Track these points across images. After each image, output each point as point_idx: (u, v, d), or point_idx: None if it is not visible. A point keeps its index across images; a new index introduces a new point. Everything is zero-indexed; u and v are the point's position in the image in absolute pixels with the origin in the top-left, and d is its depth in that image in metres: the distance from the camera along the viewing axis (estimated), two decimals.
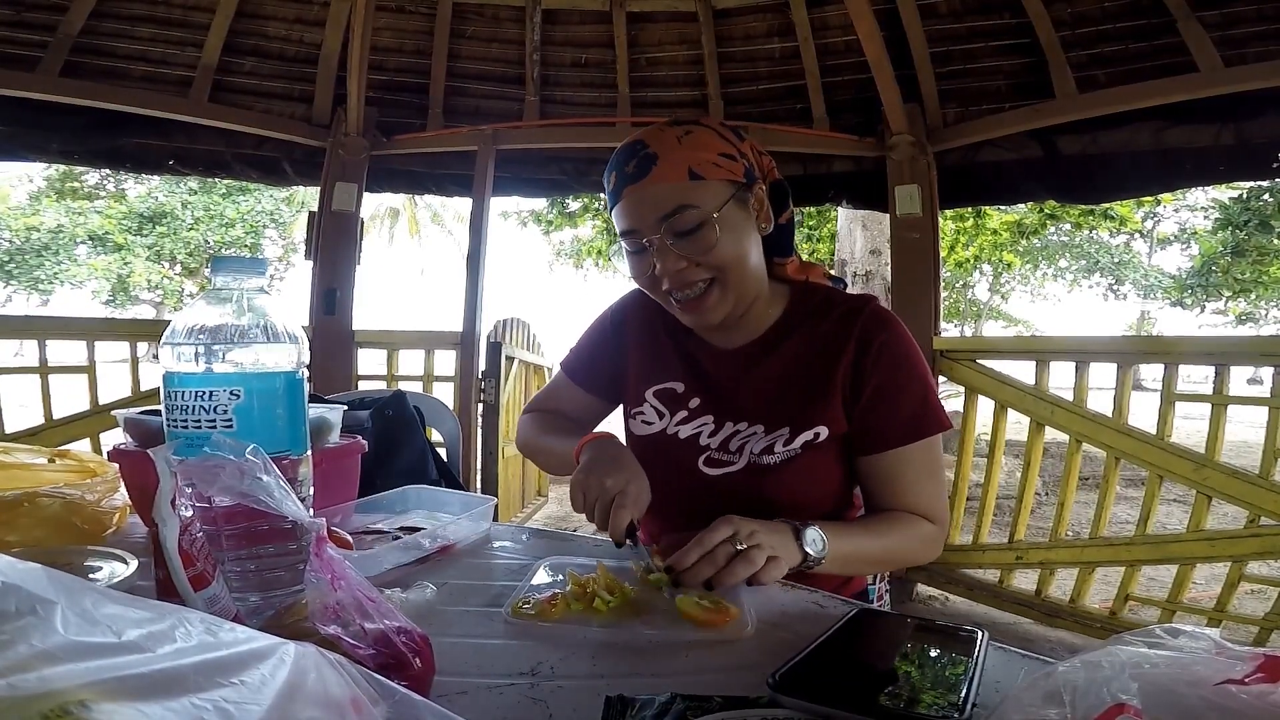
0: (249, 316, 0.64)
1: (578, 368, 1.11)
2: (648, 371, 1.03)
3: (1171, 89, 2.40)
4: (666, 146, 0.86)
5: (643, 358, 1.04)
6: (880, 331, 0.91)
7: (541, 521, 4.42)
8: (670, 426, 0.98)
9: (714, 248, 0.85)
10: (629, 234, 0.89)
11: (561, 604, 0.65)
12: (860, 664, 0.55)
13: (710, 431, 0.96)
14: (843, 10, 2.67)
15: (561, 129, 3.20)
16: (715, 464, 0.94)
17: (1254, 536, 2.15)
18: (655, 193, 0.85)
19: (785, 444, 0.91)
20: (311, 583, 0.47)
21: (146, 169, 3.27)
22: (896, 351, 0.91)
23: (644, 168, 0.86)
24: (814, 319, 0.96)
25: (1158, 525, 2.45)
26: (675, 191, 0.85)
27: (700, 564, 0.70)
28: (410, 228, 22.18)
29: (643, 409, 1.01)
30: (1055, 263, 16.31)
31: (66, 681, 0.25)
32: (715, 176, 0.86)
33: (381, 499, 0.98)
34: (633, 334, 1.06)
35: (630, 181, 0.87)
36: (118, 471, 0.87)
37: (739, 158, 0.89)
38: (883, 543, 0.89)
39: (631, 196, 0.87)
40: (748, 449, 0.92)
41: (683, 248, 0.86)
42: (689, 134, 0.87)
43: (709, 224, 0.85)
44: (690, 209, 0.84)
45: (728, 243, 0.86)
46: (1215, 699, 0.37)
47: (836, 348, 0.92)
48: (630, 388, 1.05)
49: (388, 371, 3.12)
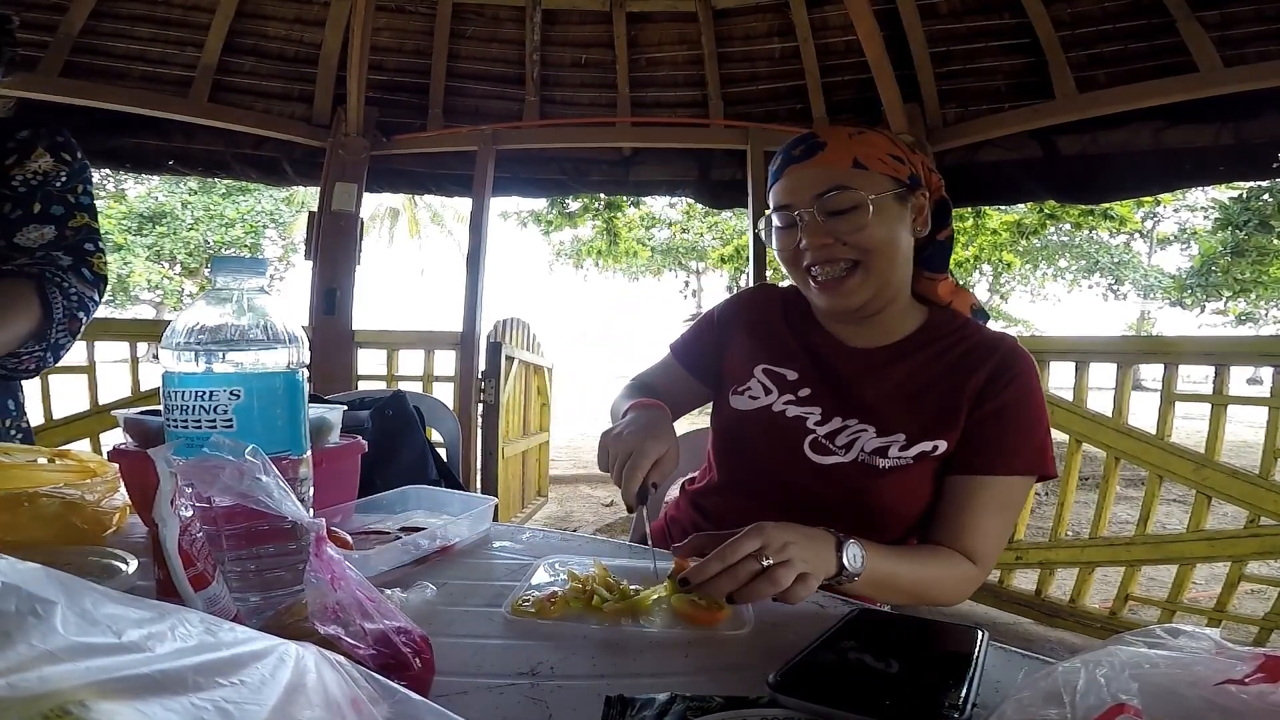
0: (249, 316, 0.64)
1: (680, 346, 1.12)
2: (761, 352, 1.02)
3: (1171, 89, 2.40)
4: (836, 138, 0.90)
5: (754, 342, 1.03)
6: (1016, 365, 0.90)
7: (541, 521, 4.42)
8: (777, 404, 0.96)
9: (863, 229, 0.87)
10: (782, 208, 0.91)
11: (561, 602, 0.65)
12: (860, 664, 0.55)
13: (817, 420, 0.94)
14: (843, 10, 2.67)
15: (561, 129, 3.20)
16: (822, 450, 0.92)
17: (1254, 536, 2.16)
18: (816, 172, 0.88)
19: (901, 449, 0.89)
20: (311, 583, 0.47)
21: (146, 169, 3.27)
22: (1025, 386, 0.89)
23: (810, 151, 0.89)
24: (950, 341, 0.95)
25: (1158, 525, 2.45)
26: (836, 173, 0.87)
27: (721, 578, 0.65)
28: (410, 228, 22.19)
29: (749, 385, 0.99)
30: (1055, 263, 16.30)
31: (66, 681, 0.25)
32: (879, 170, 0.88)
33: (381, 499, 0.98)
34: (741, 326, 1.06)
35: (794, 162, 0.90)
36: (118, 471, 0.87)
37: (906, 163, 0.91)
38: (918, 574, 0.84)
39: (793, 175, 0.90)
40: (858, 445, 0.90)
41: (832, 225, 0.87)
42: (860, 134, 0.91)
43: (863, 206, 0.86)
44: (847, 190, 0.86)
45: (878, 228, 0.87)
46: (1215, 699, 0.37)
47: (969, 369, 0.91)
48: (735, 368, 1.03)
49: (388, 371, 3.12)
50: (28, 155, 1.13)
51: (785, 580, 0.65)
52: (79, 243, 1.16)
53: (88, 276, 1.15)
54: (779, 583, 0.65)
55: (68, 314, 1.11)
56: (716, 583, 0.65)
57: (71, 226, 1.15)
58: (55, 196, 1.14)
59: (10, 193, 1.11)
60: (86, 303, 1.15)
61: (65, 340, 1.14)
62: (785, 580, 0.65)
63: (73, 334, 1.15)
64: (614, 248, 8.96)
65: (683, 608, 0.64)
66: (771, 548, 0.66)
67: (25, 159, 1.12)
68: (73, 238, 1.15)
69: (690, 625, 0.63)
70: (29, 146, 1.13)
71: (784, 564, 0.66)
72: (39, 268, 1.09)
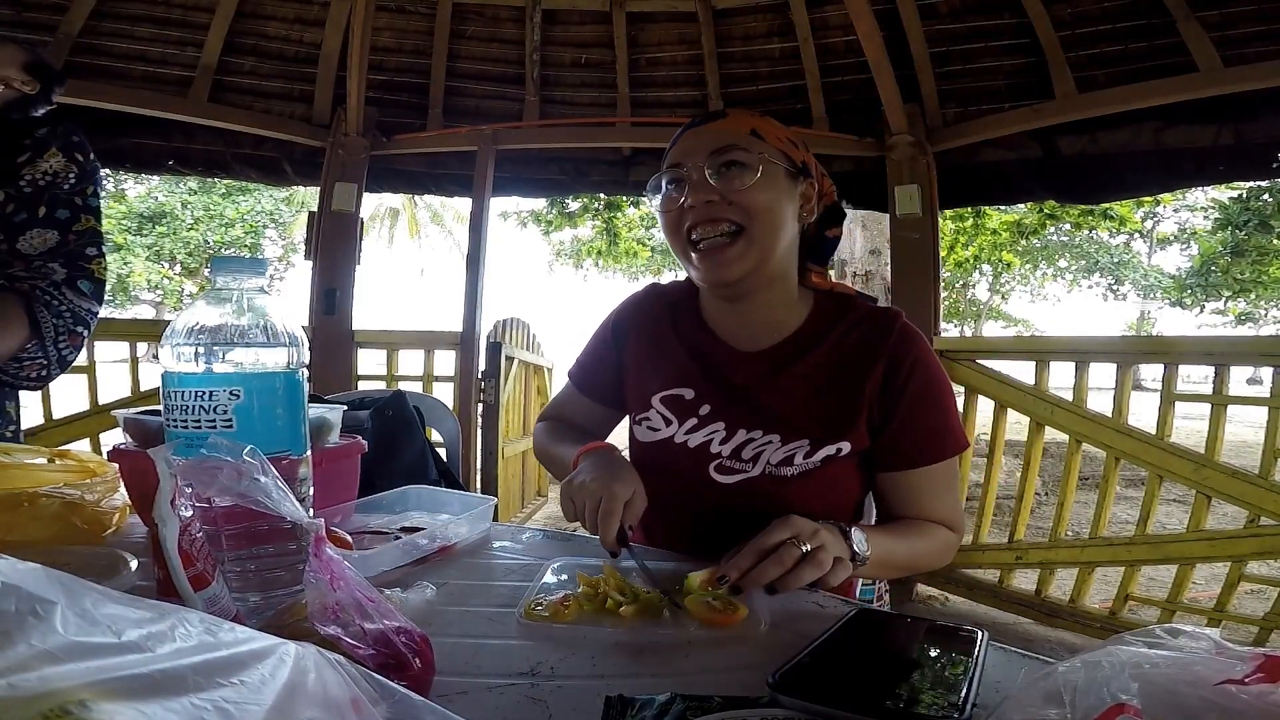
0: (249, 316, 0.64)
1: (582, 377, 1.10)
2: (654, 376, 0.99)
3: (1171, 89, 2.40)
4: (737, 111, 0.93)
5: (647, 362, 1.01)
6: (911, 350, 0.90)
7: (541, 521, 4.42)
8: (679, 435, 0.95)
9: (747, 190, 0.86)
10: (672, 167, 0.91)
11: (574, 606, 0.65)
12: (860, 664, 0.55)
13: (721, 439, 0.93)
14: (843, 10, 2.67)
15: (561, 129, 3.20)
16: (727, 471, 0.92)
17: (1254, 536, 2.16)
18: (714, 133, 0.89)
19: (805, 456, 0.89)
20: (311, 583, 0.47)
21: (146, 169, 3.27)
22: (926, 373, 0.90)
23: (710, 118, 0.92)
24: (839, 327, 0.94)
25: (1158, 525, 2.45)
26: (732, 135, 0.88)
27: (766, 565, 0.67)
28: (410, 228, 22.18)
29: (649, 415, 0.98)
30: (1055, 263, 16.30)
31: (66, 681, 0.25)
32: (775, 145, 0.89)
33: (381, 499, 0.98)
34: (634, 339, 1.04)
35: (692, 126, 0.92)
36: (118, 471, 0.87)
37: (801, 150, 0.93)
38: (912, 548, 0.88)
39: (688, 137, 0.91)
40: (763, 458, 0.90)
41: (720, 181, 0.87)
42: (763, 117, 0.93)
43: (752, 168, 0.86)
44: (740, 150, 0.87)
45: (763, 191, 0.87)
46: (1215, 699, 0.37)
47: (865, 363, 0.90)
48: (633, 393, 1.02)
49: (387, 371, 3.12)
50: (41, 154, 1.13)
51: (827, 563, 0.69)
52: (80, 247, 1.16)
53: (84, 289, 1.15)
54: (822, 564, 0.68)
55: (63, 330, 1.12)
56: (762, 570, 0.67)
57: (76, 230, 1.15)
58: (62, 199, 1.14)
59: (16, 193, 1.11)
60: (83, 315, 1.15)
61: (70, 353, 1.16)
62: (827, 563, 0.69)
63: (76, 348, 1.16)
64: (614, 248, 8.96)
65: (700, 610, 0.64)
66: (804, 535, 0.69)
67: (38, 158, 1.13)
68: (75, 242, 1.15)
69: (708, 627, 0.63)
70: (43, 145, 1.13)
71: (820, 548, 0.69)
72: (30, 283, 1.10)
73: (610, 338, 1.07)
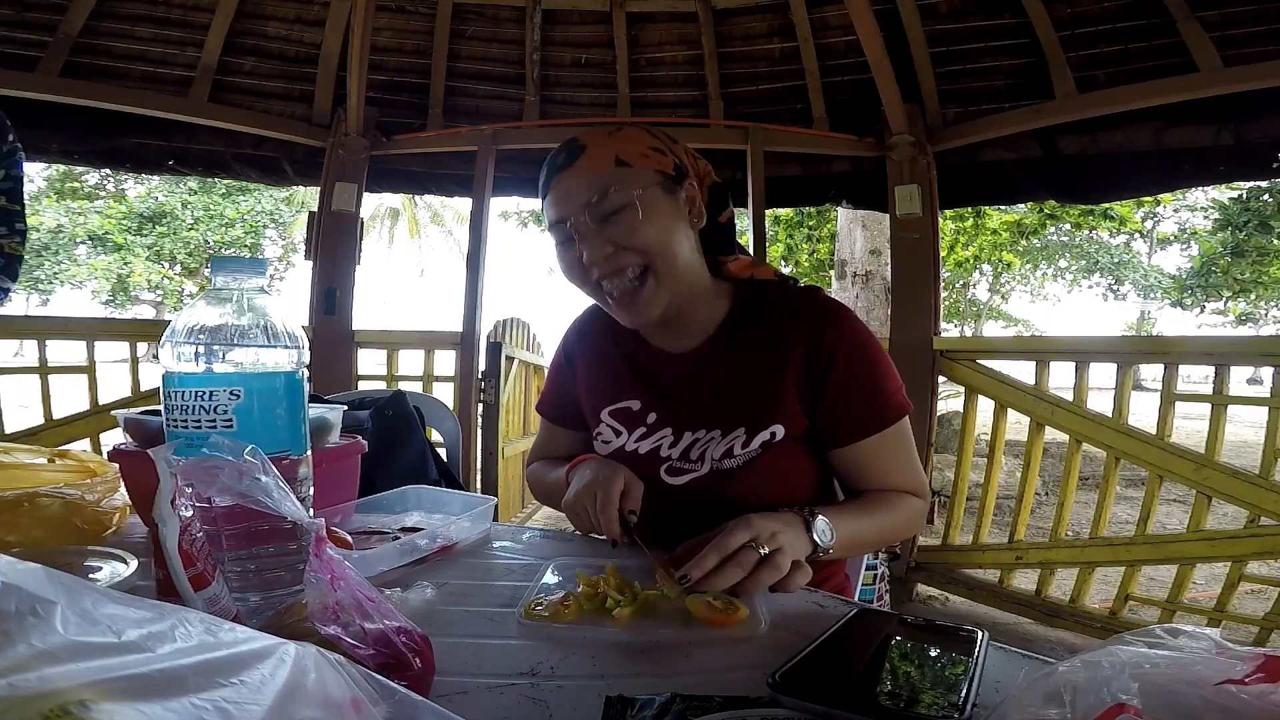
0: (249, 316, 0.64)
1: (552, 410, 1.12)
2: (602, 392, 1.02)
3: (1171, 89, 2.40)
4: (595, 140, 0.88)
5: (594, 379, 1.04)
6: (830, 326, 0.90)
7: (541, 521, 4.42)
8: (629, 443, 0.97)
9: (637, 230, 0.85)
10: (557, 224, 0.89)
11: (575, 605, 0.65)
12: (860, 664, 0.55)
13: (670, 443, 0.95)
14: (843, 10, 2.67)
15: (561, 129, 3.19)
16: (677, 472, 0.94)
17: (1254, 536, 2.15)
18: (581, 180, 0.86)
19: (743, 446, 0.90)
20: (311, 583, 0.47)
21: (146, 169, 3.26)
22: (851, 344, 0.90)
23: (572, 157, 0.88)
24: (759, 317, 0.95)
25: (1158, 525, 2.45)
26: (601, 177, 0.86)
27: (726, 569, 0.67)
28: (410, 228, 22.18)
29: (600, 429, 1.01)
30: (1055, 263, 16.30)
31: (66, 681, 0.25)
32: (642, 165, 0.87)
33: (381, 499, 0.98)
34: (582, 360, 1.07)
35: (559, 170, 0.89)
36: (118, 471, 0.87)
37: (668, 153, 0.90)
38: (878, 522, 0.88)
39: (559, 185, 0.88)
40: (708, 455, 0.92)
41: (607, 231, 0.86)
42: (618, 130, 0.90)
43: (631, 206, 0.85)
44: (614, 193, 0.85)
45: (653, 227, 0.86)
46: (1215, 699, 0.37)
47: (784, 346, 0.91)
48: (588, 411, 1.04)
49: (388, 371, 3.12)
50: None
51: (784, 565, 0.68)
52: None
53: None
54: (780, 568, 0.68)
55: None
56: (722, 574, 0.67)
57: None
58: None
59: None
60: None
61: None
62: (784, 565, 0.68)
63: None
64: None
65: (700, 610, 0.64)
66: (763, 537, 0.69)
67: None
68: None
69: (709, 628, 0.63)
70: None
71: (778, 550, 0.69)
72: None
73: (564, 364, 1.10)
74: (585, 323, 1.10)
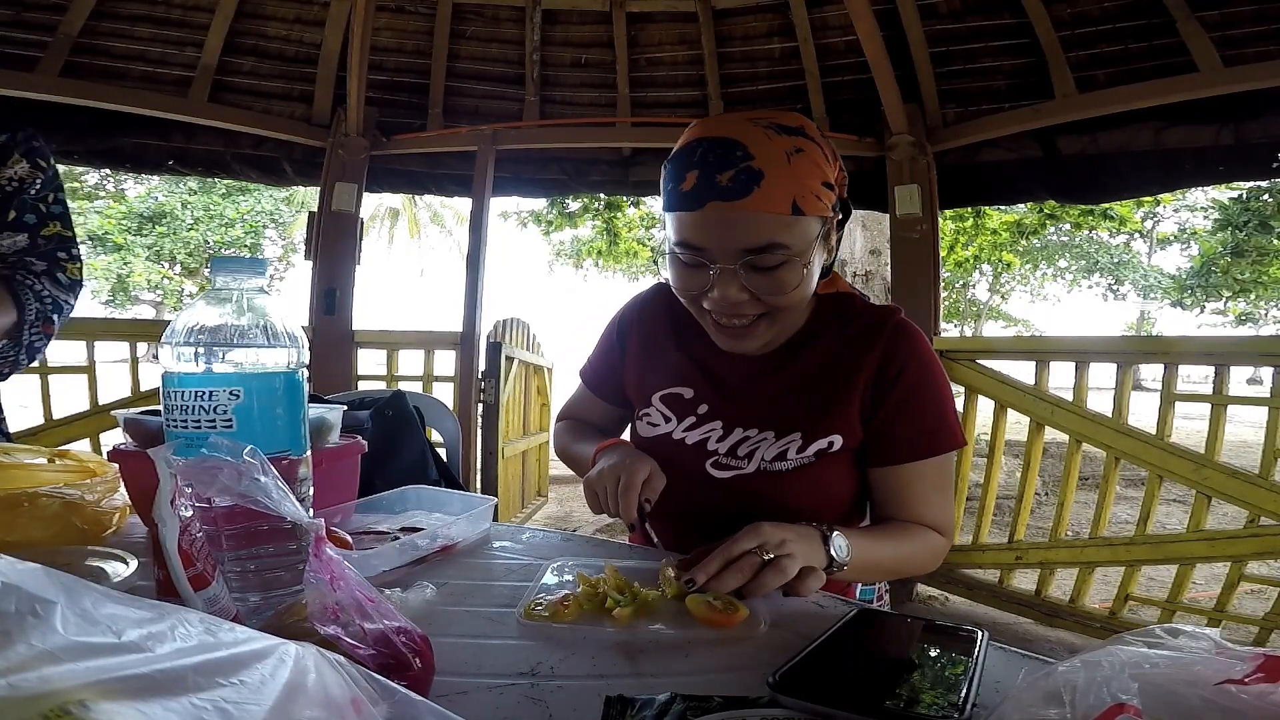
0: (249, 316, 0.64)
1: (593, 378, 1.11)
2: (655, 376, 1.00)
3: (1171, 89, 2.40)
4: (774, 162, 0.75)
5: (648, 363, 1.02)
6: (905, 345, 0.89)
7: (541, 521, 4.42)
8: (677, 431, 0.96)
9: (787, 291, 0.79)
10: (696, 249, 0.79)
11: (574, 605, 0.65)
12: (860, 664, 0.55)
13: (719, 437, 0.93)
14: (843, 10, 2.67)
15: (561, 129, 3.20)
16: (723, 467, 0.93)
17: (1254, 536, 2.16)
18: (750, 221, 0.75)
19: (798, 451, 0.89)
20: (311, 583, 0.47)
21: (146, 169, 3.27)
22: (921, 365, 0.89)
23: (745, 187, 0.74)
24: (836, 326, 0.93)
25: (1158, 525, 2.45)
26: (773, 226, 0.75)
27: (727, 574, 0.66)
28: (410, 228, 22.18)
29: (649, 411, 0.99)
30: (1055, 263, 16.31)
31: (66, 681, 0.25)
32: (813, 211, 0.77)
33: (381, 499, 0.98)
34: (636, 341, 1.04)
35: (722, 196, 0.75)
36: (118, 471, 0.87)
37: (835, 187, 0.83)
38: (897, 551, 0.87)
39: (718, 213, 0.75)
40: (758, 454, 0.90)
41: (754, 281, 0.79)
42: (799, 152, 0.77)
43: (794, 265, 0.78)
44: (782, 248, 0.76)
45: (800, 286, 0.80)
46: (1215, 699, 0.37)
47: (858, 358, 0.89)
48: (635, 391, 1.03)
49: (387, 371, 3.12)
50: (4, 161, 1.13)
51: (791, 570, 0.68)
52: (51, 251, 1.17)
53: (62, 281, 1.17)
54: (786, 572, 0.67)
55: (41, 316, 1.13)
56: (723, 579, 0.67)
57: (44, 235, 1.17)
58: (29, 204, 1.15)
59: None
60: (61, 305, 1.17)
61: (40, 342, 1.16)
62: (791, 570, 0.68)
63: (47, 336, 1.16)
64: (614, 248, 8.96)
65: (699, 611, 0.64)
66: (770, 543, 0.69)
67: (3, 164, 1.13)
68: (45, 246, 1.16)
69: (708, 628, 0.63)
70: (6, 151, 1.14)
71: (787, 556, 0.68)
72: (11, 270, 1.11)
73: (615, 338, 1.08)
74: (648, 301, 1.05)
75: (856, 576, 0.86)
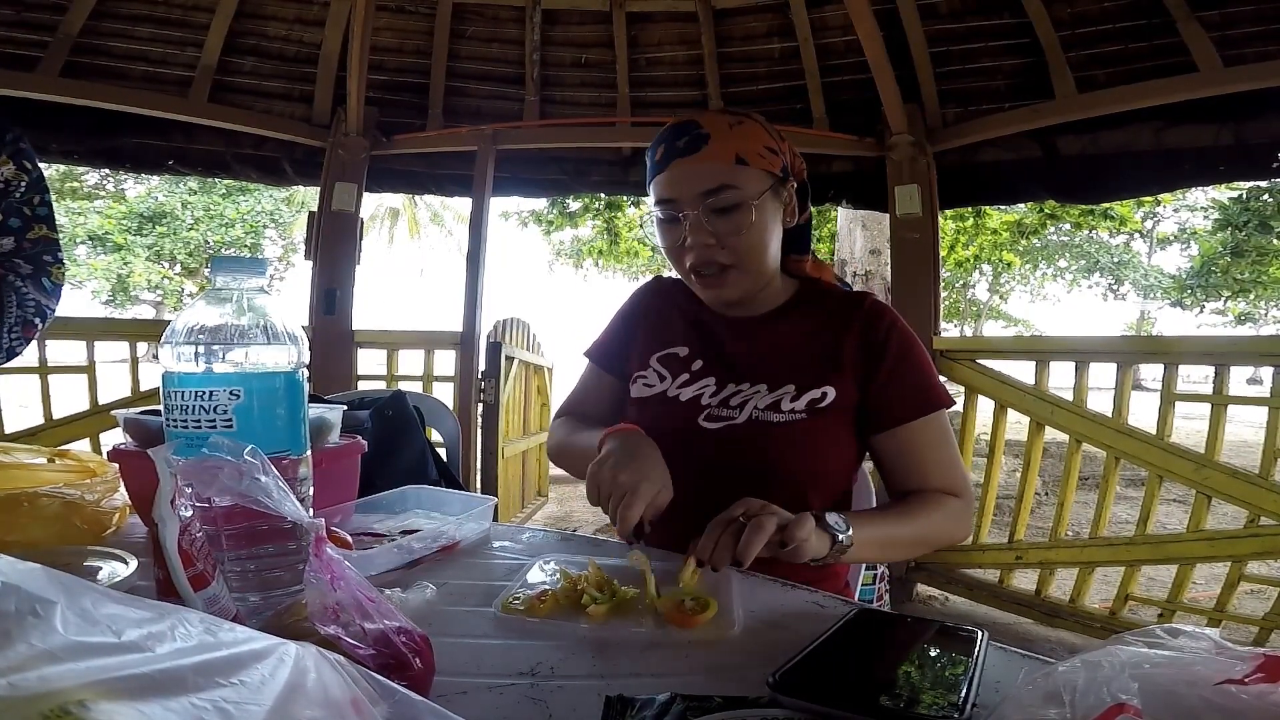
0: (249, 316, 0.64)
1: (601, 353, 1.15)
2: (654, 341, 1.07)
3: (1171, 89, 2.40)
4: (719, 130, 0.92)
5: (651, 332, 1.09)
6: (884, 319, 0.97)
7: (541, 521, 4.42)
8: (671, 389, 1.01)
9: (743, 232, 0.91)
10: (668, 202, 0.94)
11: (551, 600, 0.65)
12: (860, 664, 0.55)
13: (712, 392, 0.98)
14: (843, 10, 2.67)
15: (561, 129, 3.20)
16: (715, 419, 0.96)
17: (1254, 536, 2.15)
18: (703, 169, 0.90)
19: (791, 400, 0.93)
20: (311, 583, 0.47)
21: (146, 169, 3.27)
22: (901, 335, 0.96)
23: (696, 144, 0.91)
24: (816, 302, 1.03)
25: (1158, 525, 2.45)
26: (722, 171, 0.90)
27: (717, 550, 0.70)
28: (410, 228, 22.18)
29: (645, 373, 1.04)
30: (1055, 263, 16.31)
31: (66, 681, 0.25)
32: (758, 166, 0.92)
33: (381, 499, 0.98)
34: (646, 317, 1.11)
35: (680, 155, 0.92)
36: (118, 471, 0.87)
37: (780, 154, 0.95)
38: (914, 525, 0.89)
39: (679, 169, 0.92)
40: (749, 405, 0.95)
41: (716, 225, 0.91)
42: (740, 124, 0.93)
43: (745, 207, 0.91)
44: (732, 189, 0.90)
45: (756, 231, 0.92)
46: (1215, 699, 0.37)
47: (841, 324, 0.98)
48: (637, 361, 1.08)
49: (387, 371, 3.12)
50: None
51: (769, 525, 0.71)
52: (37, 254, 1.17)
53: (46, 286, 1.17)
54: (765, 528, 0.70)
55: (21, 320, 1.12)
56: (719, 553, 0.71)
57: (29, 238, 1.16)
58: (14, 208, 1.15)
59: None
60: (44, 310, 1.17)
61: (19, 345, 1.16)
62: (769, 525, 0.71)
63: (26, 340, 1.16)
64: (614, 247, 8.97)
65: (667, 609, 0.64)
66: (751, 510, 0.74)
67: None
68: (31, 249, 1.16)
69: (674, 626, 0.62)
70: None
71: (767, 515, 0.72)
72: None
73: (628, 314, 1.14)
74: (658, 287, 1.14)
75: (875, 555, 0.87)
